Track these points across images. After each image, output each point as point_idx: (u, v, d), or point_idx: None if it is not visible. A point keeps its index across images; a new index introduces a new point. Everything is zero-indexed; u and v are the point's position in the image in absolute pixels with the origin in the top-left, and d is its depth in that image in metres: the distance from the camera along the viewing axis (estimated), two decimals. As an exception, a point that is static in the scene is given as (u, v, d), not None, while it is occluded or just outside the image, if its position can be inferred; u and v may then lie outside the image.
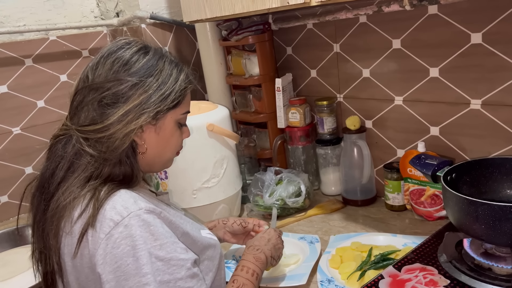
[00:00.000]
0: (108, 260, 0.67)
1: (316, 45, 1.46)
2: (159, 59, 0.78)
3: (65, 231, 0.73)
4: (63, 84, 1.66)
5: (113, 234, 0.68)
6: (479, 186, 0.98)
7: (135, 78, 0.75)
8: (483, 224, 0.81)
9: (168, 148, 0.83)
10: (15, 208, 1.59)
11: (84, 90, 0.76)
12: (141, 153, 0.79)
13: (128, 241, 0.67)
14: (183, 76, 0.80)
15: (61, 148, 0.76)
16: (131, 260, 0.67)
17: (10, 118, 1.57)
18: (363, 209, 1.35)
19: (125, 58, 0.76)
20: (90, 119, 0.74)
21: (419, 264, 0.93)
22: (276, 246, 0.97)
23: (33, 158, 1.63)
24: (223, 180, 1.30)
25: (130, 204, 0.71)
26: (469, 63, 1.11)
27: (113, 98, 0.74)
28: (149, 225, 0.69)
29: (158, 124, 0.79)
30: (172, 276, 0.69)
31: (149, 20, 1.59)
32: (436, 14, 1.13)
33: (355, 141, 1.35)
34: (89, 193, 0.72)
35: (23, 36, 1.58)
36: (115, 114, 0.73)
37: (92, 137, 0.74)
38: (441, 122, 1.21)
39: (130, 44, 0.79)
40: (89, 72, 0.77)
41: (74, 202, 0.72)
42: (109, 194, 0.72)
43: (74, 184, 0.74)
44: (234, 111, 1.63)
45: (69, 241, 0.73)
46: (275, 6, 1.04)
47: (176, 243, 0.72)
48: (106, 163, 0.74)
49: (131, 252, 0.67)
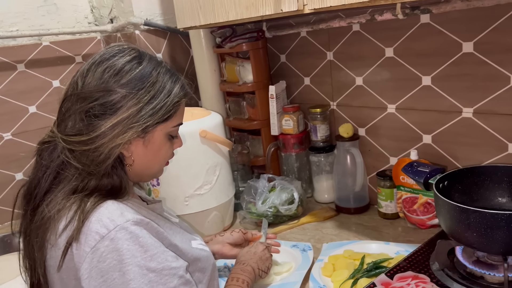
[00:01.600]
0: (94, 275, 0.66)
1: (309, 53, 1.46)
2: (153, 69, 0.75)
3: (50, 243, 0.71)
4: (55, 89, 1.65)
5: (99, 247, 0.66)
6: (471, 194, 0.99)
7: (126, 89, 0.71)
8: (475, 232, 0.81)
9: (156, 160, 0.80)
10: (5, 214, 1.58)
11: (73, 98, 0.73)
12: (128, 165, 0.77)
13: (114, 255, 0.66)
14: (177, 88, 0.77)
15: (47, 156, 0.74)
16: (117, 275, 0.65)
17: (1, 124, 1.55)
18: (356, 217, 1.35)
19: (117, 67, 0.73)
20: (76, 129, 0.72)
21: (411, 272, 0.93)
22: (263, 257, 0.97)
23: (24, 164, 1.61)
24: (215, 187, 1.29)
25: (117, 217, 0.69)
26: (461, 72, 1.12)
27: (100, 109, 0.71)
28: (137, 237, 0.68)
29: (147, 137, 0.76)
30: (166, 286, 0.68)
31: (143, 27, 1.59)
32: (428, 23, 1.14)
33: (348, 148, 1.35)
34: (74, 204, 0.70)
35: (16, 41, 1.58)
36: (102, 127, 0.70)
37: (77, 149, 0.71)
38: (433, 130, 1.21)
39: (124, 51, 0.75)
40: (79, 78, 0.74)
41: (59, 214, 0.70)
42: (95, 205, 0.70)
43: (59, 195, 0.72)
44: (228, 118, 1.62)
45: (54, 254, 0.71)
46: (269, 13, 1.04)
47: (166, 252, 0.71)
48: (91, 176, 0.72)
49: (118, 266, 0.66)
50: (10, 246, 1.43)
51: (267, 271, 0.97)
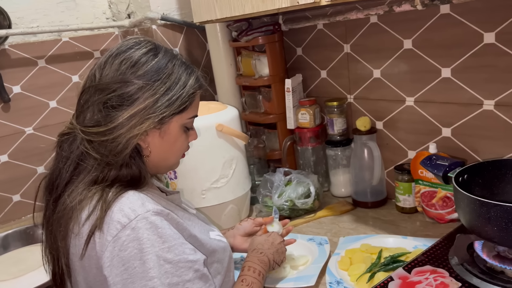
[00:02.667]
0: (115, 263, 0.67)
1: (326, 45, 1.45)
2: (168, 61, 0.76)
3: (74, 232, 0.73)
4: (75, 84, 1.68)
5: (120, 236, 0.67)
6: (491, 188, 0.96)
7: (142, 81, 0.73)
8: (495, 226, 0.80)
9: (172, 152, 0.81)
10: (28, 207, 1.62)
11: (91, 90, 0.74)
12: (145, 156, 0.78)
13: (135, 244, 0.67)
14: (192, 80, 0.78)
15: (67, 147, 0.76)
16: (138, 263, 0.67)
17: (23, 118, 1.59)
18: (373, 211, 1.34)
19: (134, 59, 0.74)
20: (94, 120, 0.73)
21: (429, 266, 0.92)
22: (279, 250, 0.97)
23: (45, 158, 1.65)
24: (232, 180, 1.30)
25: (138, 206, 0.70)
26: (482, 63, 1.09)
27: (118, 101, 0.72)
28: (156, 227, 0.69)
29: (163, 128, 0.77)
30: (181, 278, 0.69)
31: (160, 21, 1.60)
32: (448, 14, 1.12)
33: (366, 142, 1.34)
34: (96, 194, 0.72)
35: (36, 37, 1.61)
36: (119, 118, 0.72)
37: (95, 139, 0.72)
38: (453, 123, 1.19)
39: (140, 44, 0.77)
40: (97, 70, 0.76)
41: (82, 204, 0.72)
42: (117, 195, 0.71)
43: (80, 186, 0.73)
44: (244, 112, 1.63)
45: (77, 242, 0.73)
46: (285, 6, 1.04)
47: (184, 244, 0.72)
48: (109, 166, 0.73)
49: (138, 255, 0.67)
50: (33, 237, 1.46)
51: (280, 264, 0.98)
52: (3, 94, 1.51)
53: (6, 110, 1.55)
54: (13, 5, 1.56)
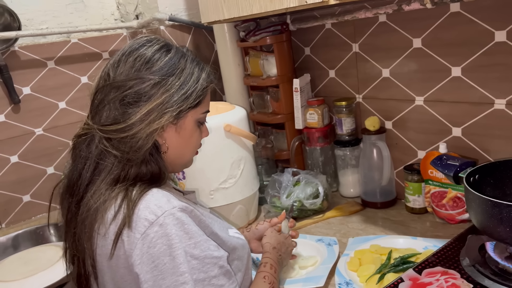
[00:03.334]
0: (145, 260, 0.67)
1: (334, 45, 1.44)
2: (181, 57, 0.78)
3: (100, 233, 0.73)
4: (84, 85, 1.69)
5: (149, 233, 0.67)
6: (503, 188, 0.95)
7: (157, 76, 0.74)
8: (508, 227, 0.79)
9: (188, 147, 0.82)
10: (37, 207, 1.63)
11: (105, 89, 0.75)
12: (162, 152, 0.78)
13: (164, 240, 0.67)
14: (205, 75, 0.80)
15: (85, 148, 0.76)
16: (167, 259, 0.67)
17: (33, 119, 1.60)
18: (383, 212, 1.33)
19: (147, 56, 0.75)
20: (112, 118, 0.74)
21: (440, 267, 0.91)
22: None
23: (55, 159, 1.66)
24: (240, 181, 1.30)
25: (164, 203, 0.70)
26: (493, 62, 1.08)
27: (135, 97, 0.73)
28: (183, 223, 0.69)
29: (179, 123, 0.78)
30: (207, 274, 0.70)
31: (168, 22, 1.61)
32: (458, 12, 1.11)
33: (375, 142, 1.33)
34: (120, 193, 0.72)
35: (46, 38, 1.62)
36: (138, 113, 0.73)
37: (114, 137, 0.73)
38: (463, 122, 1.18)
39: (152, 41, 0.78)
40: (110, 69, 0.76)
41: (106, 204, 0.72)
42: (142, 193, 0.72)
43: (103, 186, 0.73)
44: (252, 112, 1.62)
45: (103, 243, 0.72)
46: (293, 5, 1.03)
47: (208, 241, 0.73)
48: (130, 163, 0.73)
49: (168, 251, 0.67)
50: (43, 237, 1.47)
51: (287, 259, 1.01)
52: (13, 95, 1.52)
53: (16, 111, 1.56)
54: (23, 7, 1.57)
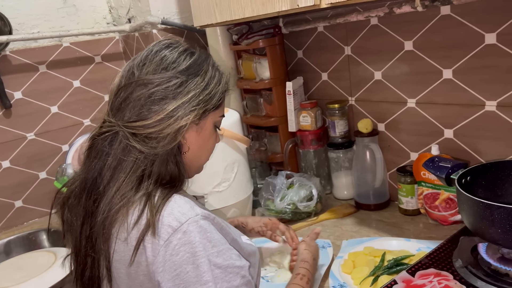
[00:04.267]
0: (167, 268, 0.66)
1: (327, 48, 1.45)
2: (204, 60, 0.80)
3: (119, 238, 0.71)
4: (76, 90, 1.68)
5: (172, 240, 0.66)
6: (494, 190, 0.96)
7: (184, 76, 0.75)
8: (499, 228, 0.79)
9: (205, 149, 0.83)
10: (30, 212, 1.62)
11: (130, 87, 0.74)
12: (183, 152, 0.78)
13: (187, 248, 0.66)
14: (224, 78, 0.82)
15: (107, 145, 0.74)
16: (190, 268, 0.66)
17: (25, 124, 1.59)
18: (376, 214, 1.33)
19: (174, 56, 0.77)
20: (137, 115, 0.73)
21: (433, 269, 0.91)
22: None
23: (47, 163, 1.65)
24: (234, 184, 1.29)
25: (187, 210, 0.69)
26: (484, 64, 1.09)
27: (161, 94, 0.73)
28: (206, 231, 0.68)
29: (200, 124, 0.78)
30: (230, 284, 0.68)
31: (160, 26, 1.60)
32: (448, 15, 1.12)
33: (368, 144, 1.33)
34: (143, 197, 0.70)
35: (37, 43, 1.61)
36: (165, 110, 0.73)
37: (141, 132, 0.72)
38: (455, 124, 1.19)
39: (176, 43, 0.81)
40: (135, 68, 0.76)
41: (128, 207, 0.70)
42: (165, 199, 0.70)
43: (125, 186, 0.71)
44: (245, 115, 1.62)
45: (123, 248, 0.71)
46: (285, 8, 1.04)
47: (230, 250, 0.72)
48: (155, 159, 0.72)
49: (191, 259, 0.66)
50: (35, 243, 1.46)
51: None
52: (4, 100, 1.51)
53: (7, 116, 1.55)
54: (14, 11, 1.56)
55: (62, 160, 1.64)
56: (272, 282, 1.04)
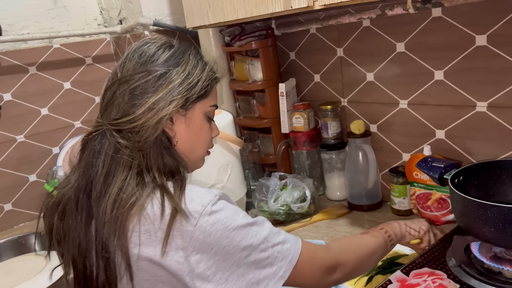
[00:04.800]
0: (204, 249, 0.68)
1: (319, 49, 1.45)
2: (184, 51, 0.80)
3: (141, 231, 0.69)
4: (66, 91, 1.66)
5: (201, 224, 0.68)
6: (487, 189, 0.97)
7: (163, 68, 0.76)
8: (492, 227, 0.80)
9: (198, 140, 0.83)
10: (19, 216, 1.60)
11: (113, 86, 0.77)
12: (174, 145, 0.79)
13: (218, 226, 0.68)
14: (209, 66, 0.82)
15: (97, 143, 0.75)
16: (226, 242, 0.68)
17: (14, 126, 1.57)
18: (369, 214, 1.34)
19: (152, 51, 0.78)
20: (121, 112, 0.75)
21: (427, 268, 0.92)
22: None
23: (37, 166, 1.63)
24: (227, 186, 1.29)
25: (206, 194, 0.71)
26: (475, 66, 1.10)
27: (142, 89, 0.75)
28: (227, 205, 0.72)
29: (188, 115, 0.79)
30: (266, 230, 0.73)
31: (152, 27, 1.60)
32: (440, 17, 1.13)
33: (360, 145, 1.34)
34: (156, 190, 0.71)
35: (27, 44, 1.59)
36: (146, 104, 0.74)
37: (124, 127, 0.73)
38: (446, 125, 1.20)
39: (155, 39, 0.82)
40: (118, 69, 0.79)
41: (142, 201, 0.70)
42: (182, 189, 0.72)
43: (131, 182, 0.71)
44: (238, 117, 1.62)
45: (147, 241, 0.69)
46: (278, 10, 1.04)
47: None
48: (143, 153, 0.73)
49: (224, 234, 0.68)
50: (25, 247, 1.44)
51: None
52: (-6, 101, 1.49)
53: (-4, 118, 1.53)
54: (3, 12, 1.54)
55: (53, 163, 1.62)
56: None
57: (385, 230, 0.92)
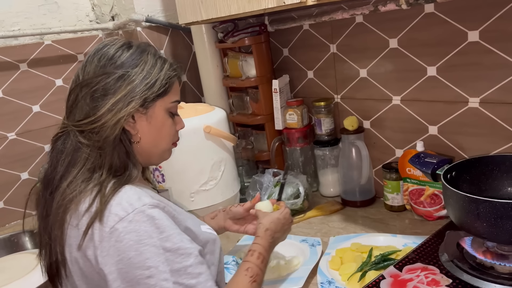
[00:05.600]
0: (111, 253, 0.70)
1: (312, 46, 1.45)
2: (142, 51, 0.82)
3: (72, 224, 0.76)
4: (58, 88, 1.65)
5: (118, 228, 0.71)
6: (479, 184, 0.98)
7: (121, 70, 0.79)
8: (484, 222, 0.81)
9: (161, 136, 0.85)
10: (12, 214, 1.58)
11: (76, 89, 0.80)
12: (135, 142, 0.82)
13: (131, 236, 0.70)
14: (168, 65, 0.84)
15: (60, 144, 0.80)
16: (133, 254, 0.70)
17: (5, 123, 1.55)
18: (362, 210, 1.34)
19: (110, 53, 0.81)
20: (84, 114, 0.78)
21: (420, 263, 0.92)
22: (286, 232, 0.98)
23: (29, 164, 1.61)
24: (221, 182, 1.29)
25: (135, 201, 0.73)
26: (467, 61, 1.10)
27: (102, 91, 0.78)
28: (154, 219, 0.72)
29: (149, 113, 0.81)
30: (182, 264, 0.72)
31: (144, 23, 1.59)
32: (432, 13, 1.13)
33: (353, 141, 1.34)
34: (95, 188, 0.75)
35: (18, 40, 1.57)
36: (106, 105, 0.77)
37: (86, 128, 0.77)
38: (439, 121, 1.20)
39: (114, 41, 0.84)
40: (79, 72, 0.82)
41: (80, 196, 0.75)
42: (115, 190, 0.75)
43: (79, 177, 0.77)
44: (231, 113, 1.62)
45: (75, 233, 0.75)
46: (271, 6, 1.04)
47: (181, 234, 0.75)
48: (102, 152, 0.77)
49: (134, 246, 0.70)
50: (17, 245, 1.43)
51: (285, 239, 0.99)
52: (-16, 99, 1.48)
53: (-13, 116, 1.51)
54: (-7, 8, 1.53)
55: (45, 160, 1.61)
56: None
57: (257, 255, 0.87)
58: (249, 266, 0.84)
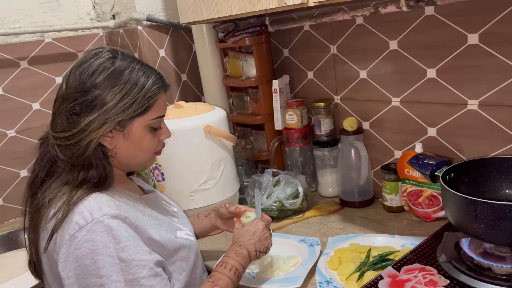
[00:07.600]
0: (70, 259, 0.74)
1: (313, 46, 1.46)
2: (125, 68, 0.82)
3: (42, 227, 0.81)
4: (58, 86, 1.65)
5: (77, 236, 0.74)
6: (477, 186, 0.98)
7: (100, 89, 0.79)
8: (482, 223, 0.81)
9: (138, 151, 0.86)
10: (10, 211, 1.58)
11: (59, 99, 0.82)
12: (111, 156, 0.84)
13: (88, 245, 0.74)
14: (150, 84, 0.83)
15: (42, 150, 0.85)
16: (89, 262, 0.73)
17: (5, 121, 1.55)
18: (361, 211, 1.35)
19: (91, 70, 0.80)
20: (62, 126, 0.81)
21: (418, 264, 0.93)
22: (262, 237, 0.97)
23: (28, 161, 1.59)
24: (220, 182, 1.29)
25: (95, 210, 0.76)
26: (466, 64, 1.11)
27: (79, 108, 0.79)
28: (111, 229, 0.75)
29: (126, 130, 0.83)
30: (135, 275, 0.75)
31: (145, 22, 1.59)
32: (432, 15, 1.14)
33: (353, 142, 1.35)
34: (64, 195, 0.79)
35: (18, 38, 1.58)
36: (81, 123, 0.79)
37: (62, 143, 0.80)
38: (438, 123, 1.21)
39: (100, 54, 0.83)
40: (64, 80, 0.83)
41: (51, 202, 0.80)
42: (80, 198, 0.78)
43: (53, 186, 0.81)
44: (231, 113, 1.62)
45: (43, 236, 0.80)
46: (273, 6, 1.04)
47: (139, 246, 0.77)
48: (75, 167, 0.80)
49: (90, 255, 0.73)
50: (16, 242, 1.43)
51: (266, 251, 0.97)
52: (-16, 96, 1.48)
53: (-13, 113, 1.51)
54: (-6, 5, 1.53)
55: (44, 158, 1.61)
56: (257, 277, 1.04)
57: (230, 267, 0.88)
58: (213, 273, 0.87)
